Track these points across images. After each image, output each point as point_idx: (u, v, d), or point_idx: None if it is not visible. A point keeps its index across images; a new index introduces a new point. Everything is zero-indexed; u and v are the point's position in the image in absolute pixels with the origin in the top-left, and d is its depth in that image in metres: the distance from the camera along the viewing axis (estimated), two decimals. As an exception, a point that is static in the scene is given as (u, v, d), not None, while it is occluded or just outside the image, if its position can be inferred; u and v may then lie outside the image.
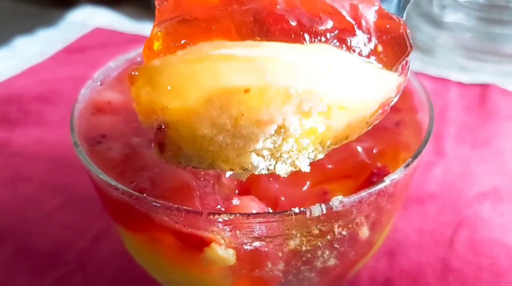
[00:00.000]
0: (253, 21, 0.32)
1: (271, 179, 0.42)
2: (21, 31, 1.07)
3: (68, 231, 0.67)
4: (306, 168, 0.35)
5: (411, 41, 0.37)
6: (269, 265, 0.39)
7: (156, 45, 0.33)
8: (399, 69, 0.36)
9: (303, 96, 0.32)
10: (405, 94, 0.49)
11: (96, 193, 0.44)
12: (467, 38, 0.98)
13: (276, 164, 0.34)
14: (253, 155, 0.33)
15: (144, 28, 1.10)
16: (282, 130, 0.33)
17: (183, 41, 0.32)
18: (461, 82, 0.97)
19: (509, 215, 0.69)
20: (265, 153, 0.34)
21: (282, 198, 0.41)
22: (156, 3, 0.36)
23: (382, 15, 0.36)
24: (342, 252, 0.40)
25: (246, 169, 0.34)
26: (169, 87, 0.32)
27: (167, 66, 0.32)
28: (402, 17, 0.41)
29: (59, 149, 0.80)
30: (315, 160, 0.36)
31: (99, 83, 0.49)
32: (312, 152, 0.35)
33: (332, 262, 0.41)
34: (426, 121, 0.43)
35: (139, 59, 0.53)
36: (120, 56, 0.51)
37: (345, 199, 0.35)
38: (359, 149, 0.43)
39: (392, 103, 0.37)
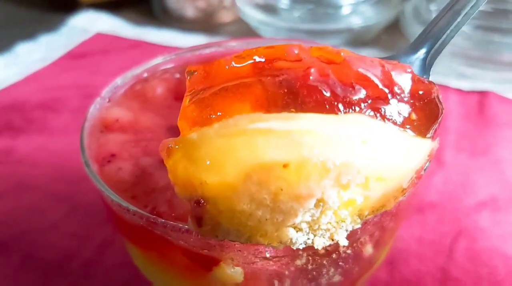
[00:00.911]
0: (287, 93, 0.33)
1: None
2: (23, 36, 1.07)
3: (73, 241, 0.68)
4: (344, 241, 0.35)
5: (442, 104, 0.37)
6: (276, 283, 0.40)
7: (191, 116, 0.34)
8: (432, 134, 0.36)
9: (341, 169, 0.32)
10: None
11: (105, 209, 0.44)
12: (466, 45, 0.99)
13: (314, 237, 0.34)
14: (291, 230, 0.33)
15: (146, 33, 1.11)
16: (321, 203, 0.33)
17: (218, 113, 0.33)
18: (460, 90, 0.98)
19: (507, 224, 0.70)
20: (304, 226, 0.34)
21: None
22: (186, 73, 0.36)
23: (414, 80, 0.36)
24: (347, 269, 0.41)
25: (284, 244, 0.34)
26: (207, 162, 0.32)
27: (204, 140, 0.33)
28: (428, 77, 0.41)
29: (62, 157, 0.80)
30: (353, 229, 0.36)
31: (107, 100, 0.50)
32: (350, 223, 0.35)
33: (336, 278, 0.42)
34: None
35: (145, 75, 0.54)
36: (127, 73, 0.52)
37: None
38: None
39: (426, 168, 0.38)
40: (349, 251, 0.39)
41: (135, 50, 1.06)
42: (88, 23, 1.14)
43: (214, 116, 0.33)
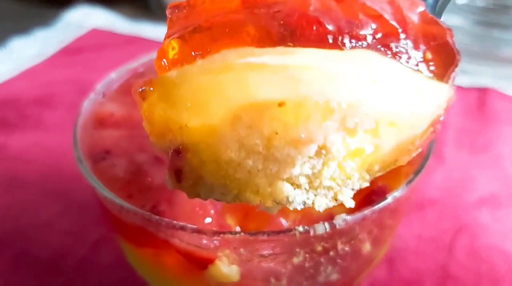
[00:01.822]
0: (284, 25, 0.28)
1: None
2: (18, 32, 1.06)
3: (68, 238, 0.67)
4: (350, 202, 0.31)
5: (458, 51, 0.32)
6: (273, 280, 0.39)
7: (171, 54, 0.29)
8: (449, 80, 0.31)
9: (347, 110, 0.28)
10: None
11: (98, 206, 0.44)
12: (465, 41, 0.98)
13: (315, 197, 0.30)
14: (287, 185, 0.29)
15: (141, 28, 1.10)
16: (323, 151, 0.28)
17: (203, 51, 0.28)
18: (459, 86, 0.97)
19: (507, 221, 0.70)
20: (303, 180, 0.29)
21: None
22: (167, 12, 0.32)
23: (427, 19, 0.32)
24: (345, 267, 0.41)
25: (279, 203, 0.29)
26: (189, 103, 0.28)
27: (185, 78, 0.28)
28: None
29: (57, 153, 0.79)
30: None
31: (101, 95, 0.49)
32: (358, 180, 0.30)
33: (334, 276, 0.41)
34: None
35: (141, 69, 0.53)
36: (122, 67, 0.51)
37: (349, 217, 0.35)
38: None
39: (441, 120, 0.33)
40: (347, 249, 0.38)
41: (131, 46, 1.05)
42: (83, 18, 1.13)
43: (197, 53, 0.28)
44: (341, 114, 0.28)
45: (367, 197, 0.40)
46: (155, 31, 1.08)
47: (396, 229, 0.46)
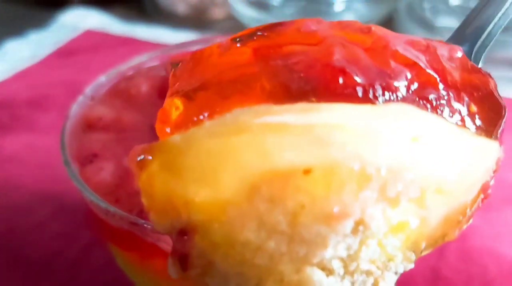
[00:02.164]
0: (305, 78, 0.24)
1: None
2: (11, 33, 1.06)
3: (59, 240, 0.67)
4: None
5: (503, 100, 0.29)
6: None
7: (175, 115, 0.25)
8: (497, 136, 0.28)
9: (387, 176, 0.23)
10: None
11: (85, 209, 0.43)
12: (458, 43, 0.98)
13: (351, 285, 0.24)
14: (318, 272, 0.23)
15: (136, 30, 1.10)
16: (360, 228, 0.23)
17: (211, 111, 0.24)
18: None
19: (498, 223, 0.70)
20: (336, 265, 0.24)
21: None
22: (170, 66, 0.29)
23: (467, 66, 0.28)
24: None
25: None
26: (196, 173, 0.23)
27: (192, 143, 0.23)
28: None
29: (50, 155, 0.79)
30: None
31: (90, 98, 0.49)
32: (401, 262, 0.25)
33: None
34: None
35: (130, 72, 0.53)
36: (112, 70, 0.51)
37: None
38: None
39: (491, 185, 0.29)
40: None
41: (126, 47, 1.05)
42: (78, 20, 1.13)
43: (205, 113, 0.24)
44: (381, 181, 0.23)
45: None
46: (150, 33, 1.09)
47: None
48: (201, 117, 0.24)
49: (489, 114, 0.27)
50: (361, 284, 0.25)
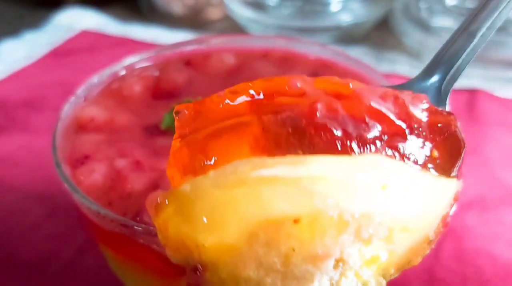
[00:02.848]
0: (292, 133, 0.28)
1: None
2: (6, 33, 1.05)
3: (53, 242, 0.66)
4: None
5: (463, 136, 0.33)
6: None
7: (182, 162, 0.30)
8: (456, 172, 0.32)
9: (360, 221, 0.28)
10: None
11: (76, 211, 0.43)
12: (455, 43, 0.98)
13: None
14: None
15: (132, 30, 1.09)
16: (340, 264, 0.29)
17: (214, 158, 0.28)
18: (449, 88, 0.97)
19: (494, 224, 0.70)
20: None
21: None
22: (174, 113, 0.32)
23: (432, 112, 0.32)
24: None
25: None
26: (204, 220, 0.27)
27: (199, 192, 0.28)
28: (445, 107, 0.37)
29: (44, 157, 0.78)
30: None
31: (82, 99, 0.48)
32: (375, 284, 0.31)
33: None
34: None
35: (123, 72, 0.52)
36: (104, 70, 0.51)
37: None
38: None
39: (451, 213, 0.34)
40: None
41: (121, 48, 1.05)
42: (73, 20, 1.13)
43: (209, 162, 0.28)
44: (355, 225, 0.28)
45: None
46: (145, 33, 1.08)
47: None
48: (206, 162, 0.29)
49: (450, 154, 0.32)
50: None
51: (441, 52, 0.38)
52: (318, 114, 0.29)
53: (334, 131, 0.29)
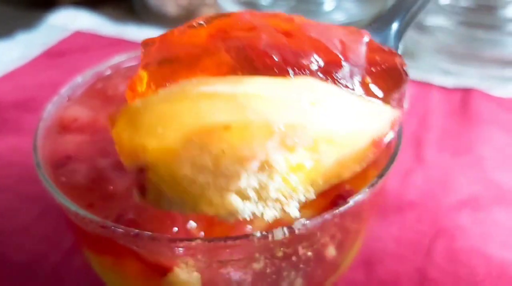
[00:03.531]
0: (236, 58, 0.32)
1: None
2: (0, 34, 1.05)
3: (44, 243, 0.66)
4: (295, 213, 0.34)
5: (407, 74, 0.36)
6: (235, 287, 0.39)
7: (139, 86, 0.34)
8: (394, 102, 0.35)
9: (286, 130, 0.31)
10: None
11: (58, 212, 0.43)
12: (449, 42, 0.97)
13: (263, 208, 0.33)
14: (236, 197, 0.32)
15: (126, 30, 1.09)
16: (266, 166, 0.32)
17: (166, 82, 0.33)
18: (443, 87, 0.97)
19: (487, 224, 0.69)
20: (251, 193, 0.32)
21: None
22: (142, 45, 0.37)
23: (371, 46, 0.35)
24: (309, 272, 0.40)
25: (231, 214, 0.33)
26: (149, 128, 0.31)
27: (148, 106, 0.32)
28: (398, 47, 0.41)
29: (36, 158, 0.79)
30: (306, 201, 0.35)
31: (66, 99, 0.48)
32: (303, 193, 0.34)
33: (299, 282, 0.40)
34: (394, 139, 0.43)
35: (108, 71, 0.52)
36: (88, 71, 0.50)
37: (308, 222, 0.35)
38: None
39: (388, 139, 0.37)
40: (309, 254, 0.38)
41: (115, 48, 1.04)
42: (67, 21, 1.13)
43: (161, 84, 0.33)
44: (281, 134, 0.31)
45: (333, 201, 0.40)
46: (139, 33, 1.08)
47: (362, 233, 0.45)
48: (159, 86, 0.33)
49: (389, 85, 0.35)
50: (271, 207, 0.33)
51: (398, 2, 0.44)
52: (262, 43, 0.33)
53: (274, 57, 0.32)
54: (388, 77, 0.35)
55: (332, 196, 0.41)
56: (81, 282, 0.62)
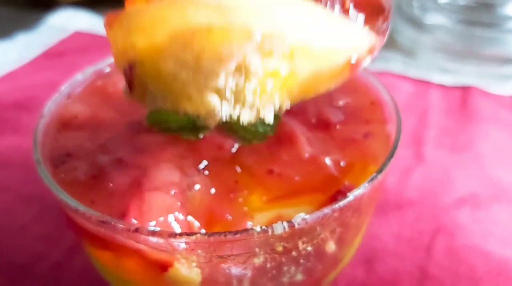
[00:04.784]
0: None
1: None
2: (0, 35, 1.05)
3: (43, 242, 0.66)
4: (270, 118, 0.36)
5: (391, 6, 0.39)
6: (235, 283, 0.38)
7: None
8: (374, 30, 0.37)
9: (264, 36, 0.33)
10: (375, 105, 0.49)
11: (58, 208, 0.43)
12: (448, 40, 0.98)
13: (240, 110, 0.35)
14: (214, 96, 0.34)
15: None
16: (244, 68, 0.34)
17: None
18: (442, 85, 0.97)
19: (487, 221, 0.69)
20: (228, 94, 0.34)
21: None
22: None
23: None
24: (309, 267, 0.40)
25: (209, 113, 0.35)
26: (139, 28, 0.34)
27: (141, 11, 0.35)
28: None
29: (35, 157, 0.79)
30: (282, 109, 0.37)
31: (66, 97, 0.48)
32: (278, 100, 0.36)
33: (299, 277, 0.40)
34: (394, 134, 0.43)
35: (108, 69, 0.52)
36: (88, 68, 0.50)
37: (308, 217, 0.35)
38: (327, 161, 0.43)
39: (364, 64, 0.38)
40: (309, 249, 0.38)
41: (114, 49, 1.04)
42: (66, 22, 1.13)
43: None
44: (259, 38, 0.33)
45: (333, 197, 0.40)
46: (138, 33, 1.08)
47: (362, 228, 0.45)
48: None
49: (368, 13, 0.38)
50: (247, 110, 0.35)
51: None
52: None
53: None
54: (368, 6, 0.38)
55: (331, 192, 0.41)
56: (79, 281, 0.61)
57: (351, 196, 0.36)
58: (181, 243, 0.34)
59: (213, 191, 0.40)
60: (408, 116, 0.92)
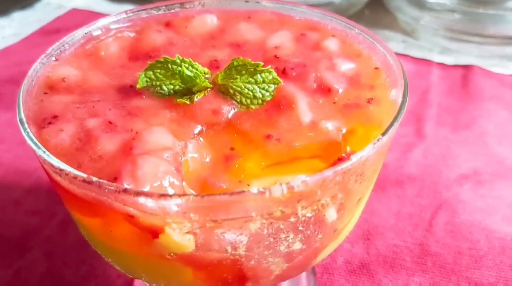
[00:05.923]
0: None
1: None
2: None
3: (35, 217, 0.64)
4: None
5: None
6: (230, 250, 0.37)
7: None
8: None
9: None
10: (379, 70, 0.47)
11: (45, 174, 0.41)
12: (450, 19, 0.95)
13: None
14: None
15: (121, 8, 1.06)
16: None
17: None
18: (443, 64, 0.95)
19: (489, 198, 0.68)
20: None
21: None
22: None
23: None
24: (308, 235, 0.38)
25: None
26: None
27: None
28: None
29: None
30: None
31: (53, 59, 0.46)
32: None
33: (297, 246, 0.38)
34: (400, 97, 0.41)
35: (100, 31, 0.50)
36: (78, 31, 0.48)
37: (308, 178, 0.33)
38: (329, 126, 0.41)
39: None
40: (309, 214, 0.36)
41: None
42: (63, -1, 1.10)
43: None
44: None
45: (335, 164, 0.38)
46: (134, 10, 1.05)
47: (364, 196, 0.43)
48: None
49: None
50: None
51: None
52: None
53: None
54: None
55: (333, 159, 0.39)
56: (71, 256, 0.60)
57: (354, 158, 0.34)
58: (172, 205, 0.32)
59: (207, 157, 0.38)
60: (409, 96, 0.90)
